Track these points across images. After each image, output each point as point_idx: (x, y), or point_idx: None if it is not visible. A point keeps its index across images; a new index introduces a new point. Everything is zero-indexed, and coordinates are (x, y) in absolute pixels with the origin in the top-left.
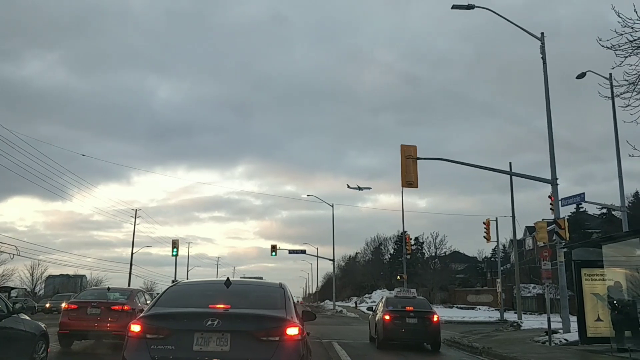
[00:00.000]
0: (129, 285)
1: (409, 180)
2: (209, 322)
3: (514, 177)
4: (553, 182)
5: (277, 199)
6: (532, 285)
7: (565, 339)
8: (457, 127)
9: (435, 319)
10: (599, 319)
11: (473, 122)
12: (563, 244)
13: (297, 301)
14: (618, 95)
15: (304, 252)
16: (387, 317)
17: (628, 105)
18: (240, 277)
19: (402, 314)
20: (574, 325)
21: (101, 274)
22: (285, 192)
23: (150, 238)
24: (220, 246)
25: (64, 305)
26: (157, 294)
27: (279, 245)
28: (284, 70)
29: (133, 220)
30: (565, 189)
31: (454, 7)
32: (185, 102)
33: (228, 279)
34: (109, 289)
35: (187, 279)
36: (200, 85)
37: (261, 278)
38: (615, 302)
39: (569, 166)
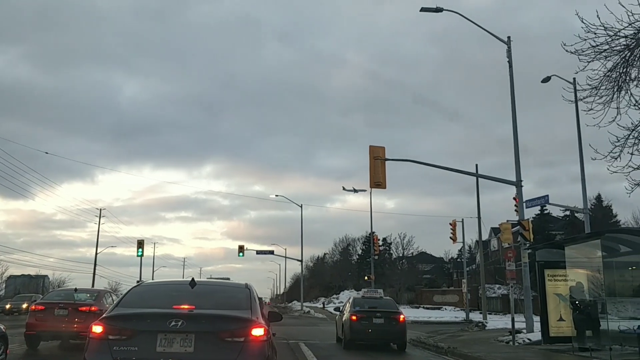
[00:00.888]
0: (92, 285)
1: (377, 181)
2: (173, 323)
3: (480, 179)
4: (518, 184)
5: (245, 199)
6: (497, 285)
7: (528, 339)
8: (425, 129)
9: (401, 319)
10: (561, 319)
11: (441, 124)
12: (527, 245)
13: (265, 302)
14: (581, 100)
15: (271, 252)
16: (354, 318)
17: (591, 110)
18: (207, 278)
19: (368, 315)
20: (537, 325)
21: (64, 275)
22: (254, 192)
23: (115, 238)
24: (186, 247)
25: (32, 306)
26: (122, 294)
27: (247, 245)
28: (253, 69)
29: (97, 219)
30: (530, 191)
31: (422, 9)
32: (152, 99)
33: (193, 279)
34: (76, 289)
35: (153, 279)
36: (167, 83)
37: (228, 279)
38: (577, 302)
39: (534, 168)
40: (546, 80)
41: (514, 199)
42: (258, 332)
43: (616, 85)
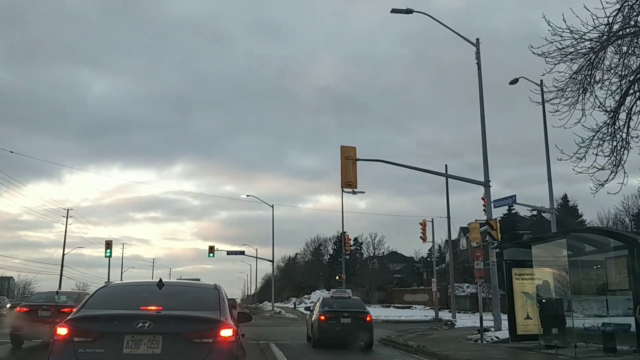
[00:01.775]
0: (59, 287)
1: (349, 181)
2: (140, 325)
3: (449, 179)
4: (486, 184)
5: (216, 200)
6: (466, 284)
7: (496, 337)
8: (396, 130)
9: (368, 318)
10: (528, 317)
11: (412, 124)
12: (495, 244)
13: (237, 303)
14: (548, 101)
15: (242, 253)
16: (322, 317)
17: (557, 111)
18: (177, 279)
19: (336, 314)
20: (505, 324)
21: (30, 276)
22: (225, 192)
23: (83, 239)
24: (156, 247)
25: (16, 308)
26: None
27: (217, 246)
28: (224, 68)
29: (65, 220)
30: (498, 191)
31: (393, 10)
32: (121, 98)
33: (160, 280)
34: (57, 293)
35: (121, 280)
36: (137, 81)
37: (198, 280)
38: (543, 300)
39: (503, 169)
40: (514, 82)
41: (483, 199)
42: (227, 332)
43: (581, 88)
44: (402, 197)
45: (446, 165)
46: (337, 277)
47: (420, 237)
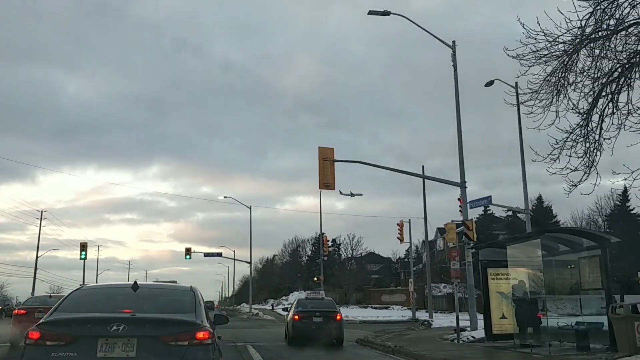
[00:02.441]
0: (33, 290)
1: (327, 182)
2: (114, 328)
3: (426, 180)
4: (462, 185)
5: (193, 201)
6: (443, 284)
7: (472, 336)
8: (374, 131)
9: (338, 317)
10: (503, 317)
11: (389, 125)
12: (471, 244)
13: (214, 305)
14: (522, 103)
15: (220, 255)
16: (296, 317)
17: (531, 113)
18: (153, 281)
19: (309, 314)
20: (481, 323)
21: (2, 279)
22: (202, 193)
23: (57, 241)
24: (132, 249)
25: (14, 311)
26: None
27: (195, 248)
28: (200, 68)
29: (38, 222)
30: (474, 192)
31: (370, 12)
32: (96, 98)
33: (135, 282)
34: (50, 296)
35: (96, 283)
36: (111, 82)
37: (175, 282)
38: (518, 300)
39: (479, 170)
40: (489, 84)
41: (459, 199)
42: (202, 335)
43: (555, 90)
44: (380, 198)
45: (423, 167)
46: (315, 279)
47: (398, 238)
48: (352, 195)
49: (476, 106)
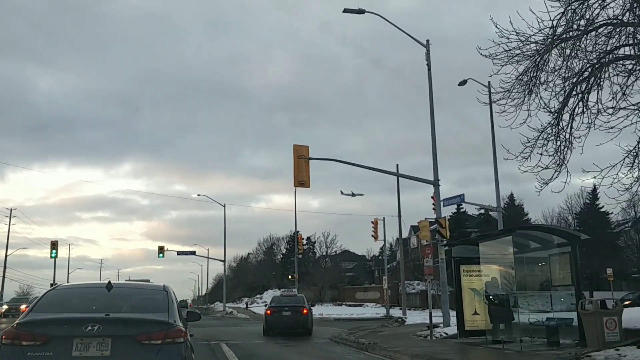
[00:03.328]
0: (1, 290)
1: (301, 180)
2: (89, 328)
3: (400, 179)
4: (435, 183)
5: (166, 199)
6: (417, 282)
7: (445, 333)
8: (349, 129)
9: (304, 311)
10: (476, 313)
11: (365, 124)
12: (444, 242)
13: (188, 304)
14: (495, 102)
15: (193, 253)
16: (268, 312)
17: (503, 112)
18: (126, 280)
19: (279, 309)
20: (453, 320)
21: None
22: (175, 191)
23: (27, 239)
24: (104, 248)
25: (21, 308)
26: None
27: (168, 246)
28: (174, 65)
29: (7, 220)
30: (447, 191)
31: (345, 10)
32: (68, 95)
33: (109, 282)
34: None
35: (68, 282)
36: (84, 78)
37: (148, 280)
38: (491, 296)
39: (452, 169)
40: (463, 83)
41: (432, 197)
42: (175, 334)
43: (527, 89)
44: (355, 197)
45: (397, 165)
46: (289, 277)
47: (372, 236)
48: (353, 195)
49: (450, 105)
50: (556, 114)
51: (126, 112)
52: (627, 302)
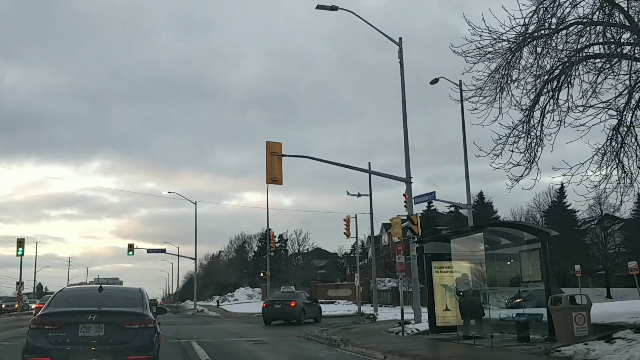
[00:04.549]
0: None
1: (274, 177)
2: (89, 317)
3: (373, 177)
4: (407, 180)
5: (136, 197)
6: (388, 279)
7: (416, 329)
8: (322, 128)
9: (292, 304)
10: (447, 309)
11: (338, 123)
12: (415, 238)
13: (157, 302)
14: (467, 99)
15: (163, 251)
16: (264, 305)
17: (475, 109)
18: (95, 279)
19: (272, 303)
20: (425, 316)
21: None
22: (145, 189)
23: None
24: (72, 246)
25: (36, 305)
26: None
27: (138, 244)
28: (145, 61)
29: None
30: (418, 189)
31: (318, 7)
32: (36, 90)
33: (101, 286)
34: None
35: (35, 280)
36: (52, 74)
37: (117, 279)
38: (461, 293)
39: (423, 167)
40: (434, 81)
41: (404, 195)
42: (148, 322)
43: (499, 87)
44: (327, 194)
45: (369, 163)
46: (261, 274)
47: (344, 233)
48: (359, 195)
49: (421, 105)
50: (527, 112)
51: (96, 109)
52: (518, 301)
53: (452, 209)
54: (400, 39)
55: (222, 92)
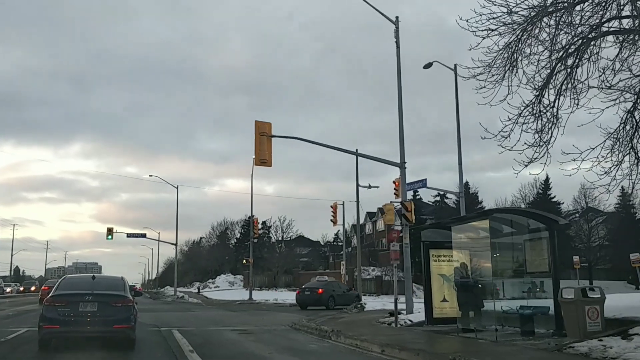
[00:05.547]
0: None
1: (263, 159)
2: (87, 297)
3: (359, 168)
4: (401, 165)
5: (117, 181)
6: (372, 267)
7: (410, 320)
8: (308, 115)
9: (319, 291)
10: (445, 300)
11: (324, 110)
12: (409, 225)
13: (136, 287)
14: (474, 77)
15: (144, 235)
16: (297, 292)
17: (482, 88)
18: (73, 263)
19: (303, 290)
20: (417, 306)
21: None
22: (126, 173)
23: None
24: (51, 229)
25: (43, 287)
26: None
27: (117, 229)
28: (128, 44)
29: None
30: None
31: None
32: (15, 72)
33: (94, 275)
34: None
35: (11, 263)
36: (32, 55)
37: (96, 263)
38: (461, 283)
39: (409, 157)
40: (428, 66)
41: (394, 182)
42: (128, 301)
43: (509, 63)
44: (310, 183)
45: (357, 149)
46: (244, 261)
47: (331, 220)
48: (369, 187)
49: (408, 97)
50: (540, 90)
51: (77, 91)
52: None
53: (438, 198)
54: (396, 17)
55: (205, 77)
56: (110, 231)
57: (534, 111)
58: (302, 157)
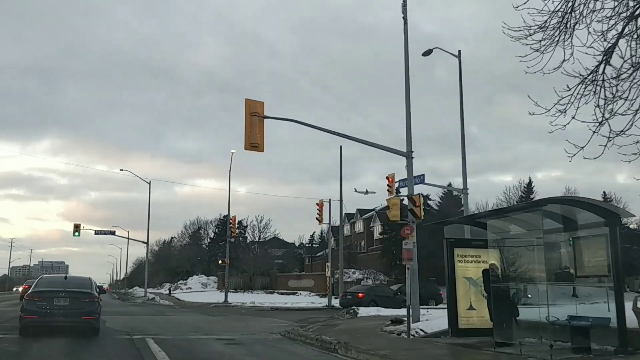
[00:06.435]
0: None
1: (254, 142)
2: (61, 293)
3: (331, 168)
4: (408, 155)
5: (86, 179)
6: (352, 270)
7: (421, 330)
8: (284, 114)
9: (360, 295)
10: (471, 307)
11: (298, 112)
12: (415, 222)
13: (103, 287)
14: (527, 37)
15: (113, 233)
16: (341, 295)
17: (536, 51)
18: (39, 262)
19: (346, 294)
20: (423, 315)
21: None
22: (96, 170)
23: None
24: (17, 227)
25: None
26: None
27: (86, 226)
28: (99, 41)
29: None
30: (398, 176)
31: None
32: None
33: (66, 275)
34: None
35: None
36: (0, 48)
37: (62, 262)
38: (494, 288)
39: (398, 158)
40: (427, 53)
41: (387, 177)
42: (95, 298)
43: (568, 21)
44: (283, 185)
45: (341, 147)
46: (220, 262)
47: (317, 219)
48: (366, 192)
49: (393, 97)
50: (605, 55)
51: (45, 86)
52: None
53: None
54: None
55: (178, 75)
56: (77, 227)
57: (601, 80)
58: (275, 159)
